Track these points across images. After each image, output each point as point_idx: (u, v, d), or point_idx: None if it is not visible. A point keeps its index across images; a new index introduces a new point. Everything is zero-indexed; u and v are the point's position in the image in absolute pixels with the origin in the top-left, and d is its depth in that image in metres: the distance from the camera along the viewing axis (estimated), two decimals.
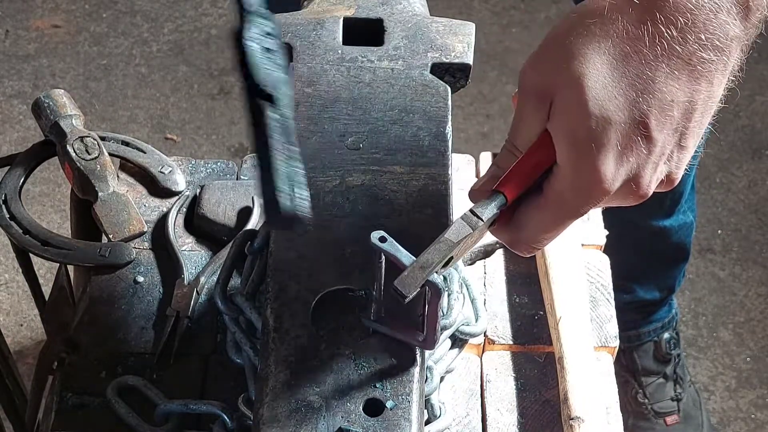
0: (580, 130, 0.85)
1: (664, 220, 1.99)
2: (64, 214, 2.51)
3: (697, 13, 0.83)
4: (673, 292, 2.17)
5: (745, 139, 2.78)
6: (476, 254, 1.30)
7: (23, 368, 2.10)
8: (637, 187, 0.87)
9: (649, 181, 0.88)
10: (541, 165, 0.89)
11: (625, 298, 2.10)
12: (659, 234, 2.01)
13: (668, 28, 0.83)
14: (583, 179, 0.86)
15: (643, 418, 2.23)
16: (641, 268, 2.10)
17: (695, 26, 0.83)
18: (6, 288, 2.46)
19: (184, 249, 1.31)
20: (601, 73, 0.84)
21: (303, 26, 1.18)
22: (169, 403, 1.13)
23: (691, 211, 2.05)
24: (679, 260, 2.11)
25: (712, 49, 0.84)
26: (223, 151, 2.73)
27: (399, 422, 0.92)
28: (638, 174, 0.87)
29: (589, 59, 0.84)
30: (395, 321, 0.95)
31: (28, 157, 1.39)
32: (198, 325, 1.23)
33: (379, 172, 1.06)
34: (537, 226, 0.91)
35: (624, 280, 2.07)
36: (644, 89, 0.84)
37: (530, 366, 1.21)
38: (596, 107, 0.84)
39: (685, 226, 2.04)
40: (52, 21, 2.99)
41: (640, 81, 0.84)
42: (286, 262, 1.00)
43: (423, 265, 0.87)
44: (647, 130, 0.85)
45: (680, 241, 2.05)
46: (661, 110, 0.84)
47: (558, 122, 0.87)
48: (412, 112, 1.11)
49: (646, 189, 0.88)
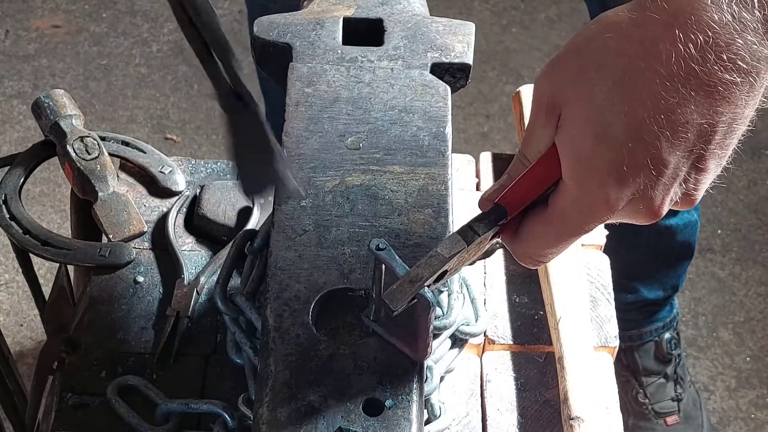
0: (584, 147, 0.83)
1: (669, 218, 1.99)
2: (64, 214, 2.51)
3: (720, 31, 0.79)
4: (676, 291, 2.17)
5: (745, 139, 2.77)
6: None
7: (23, 368, 2.10)
8: (646, 207, 0.85)
9: (660, 203, 0.85)
10: (548, 179, 0.87)
11: (629, 298, 2.10)
12: (665, 233, 2.01)
13: (687, 47, 0.79)
14: (586, 197, 0.85)
15: (644, 418, 2.23)
16: (646, 268, 2.10)
17: (717, 46, 0.79)
18: (6, 288, 2.46)
19: (184, 249, 1.31)
20: (612, 90, 0.81)
21: (303, 26, 1.18)
22: (170, 403, 1.13)
23: (696, 210, 2.05)
24: (683, 259, 2.11)
25: (735, 71, 0.80)
26: (222, 151, 2.72)
27: (399, 422, 0.92)
28: (647, 195, 0.84)
29: (600, 75, 0.82)
30: (390, 327, 0.95)
31: (28, 157, 1.39)
32: (198, 325, 1.23)
33: (378, 172, 1.06)
34: (540, 241, 0.90)
35: (628, 281, 2.07)
36: (656, 109, 0.80)
37: (530, 366, 1.21)
38: (601, 125, 0.82)
39: (690, 224, 2.04)
40: (52, 21, 2.99)
41: (652, 101, 0.80)
42: (286, 262, 1.00)
43: (413, 279, 0.86)
44: (657, 150, 0.82)
45: (685, 239, 2.05)
46: (674, 132, 0.81)
47: (563, 137, 0.85)
48: (412, 112, 1.11)
49: (657, 210, 0.85)
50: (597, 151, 0.82)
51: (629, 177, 0.83)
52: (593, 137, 0.82)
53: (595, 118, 0.82)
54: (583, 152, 0.83)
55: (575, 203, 0.86)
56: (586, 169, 0.84)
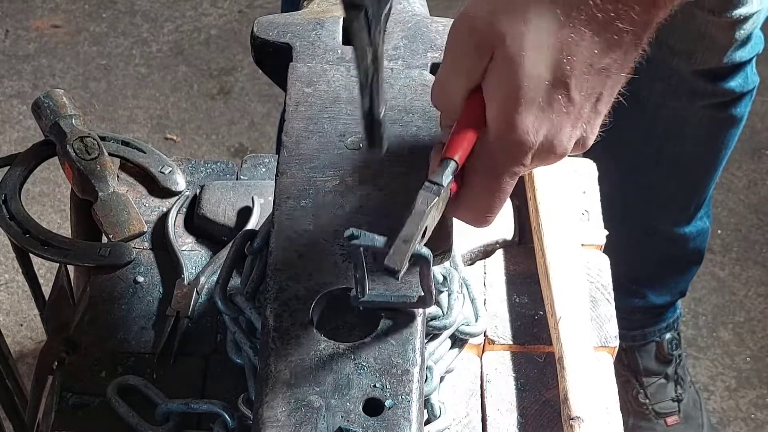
0: (514, 85, 0.88)
1: (685, 226, 2.00)
2: (64, 214, 2.51)
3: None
4: (683, 296, 2.18)
5: (745, 139, 2.78)
6: (476, 254, 1.30)
7: (23, 368, 2.10)
8: (555, 146, 0.91)
9: (568, 140, 0.91)
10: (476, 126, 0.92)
11: (637, 302, 2.11)
12: (678, 241, 2.02)
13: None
14: (509, 136, 0.90)
15: (644, 419, 2.24)
16: (656, 275, 2.10)
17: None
18: (6, 288, 2.46)
19: (184, 249, 1.31)
20: (543, 31, 0.87)
21: (303, 26, 1.18)
22: (170, 403, 1.13)
23: (708, 217, 2.06)
24: (693, 265, 2.12)
25: (627, 20, 0.88)
26: (223, 151, 2.73)
27: (399, 422, 0.92)
28: (557, 132, 0.90)
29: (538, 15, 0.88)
30: (389, 286, 0.97)
31: (28, 157, 1.39)
32: (198, 325, 1.23)
33: (378, 172, 1.06)
34: (476, 190, 0.94)
35: (637, 286, 2.08)
36: (570, 52, 0.88)
37: (530, 366, 1.21)
38: (532, 65, 0.88)
39: (703, 232, 2.05)
40: (52, 21, 2.99)
41: (567, 44, 0.87)
42: (286, 262, 1.00)
43: (405, 239, 0.90)
44: (567, 90, 0.89)
45: (696, 247, 2.06)
46: (581, 73, 0.89)
47: (495, 77, 0.90)
48: (412, 112, 1.10)
49: (564, 147, 0.92)
50: (523, 90, 0.88)
51: (545, 114, 0.89)
52: (523, 77, 0.88)
53: (528, 59, 0.88)
54: (511, 91, 0.88)
55: (499, 143, 0.91)
56: (511, 107, 0.89)
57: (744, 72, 1.77)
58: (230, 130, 2.77)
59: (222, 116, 2.80)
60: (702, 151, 1.89)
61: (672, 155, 1.90)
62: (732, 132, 1.86)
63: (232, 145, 2.74)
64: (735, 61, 1.73)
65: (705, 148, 1.88)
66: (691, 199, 1.97)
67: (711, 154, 1.89)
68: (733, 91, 1.78)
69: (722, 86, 1.77)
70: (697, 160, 1.91)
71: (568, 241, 1.26)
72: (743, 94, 1.80)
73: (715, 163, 1.91)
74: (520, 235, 1.32)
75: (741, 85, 1.78)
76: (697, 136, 1.86)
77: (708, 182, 1.95)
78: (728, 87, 1.77)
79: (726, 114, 1.83)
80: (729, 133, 1.86)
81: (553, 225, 1.27)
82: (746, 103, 1.83)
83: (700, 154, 1.89)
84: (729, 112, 1.82)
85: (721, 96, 1.79)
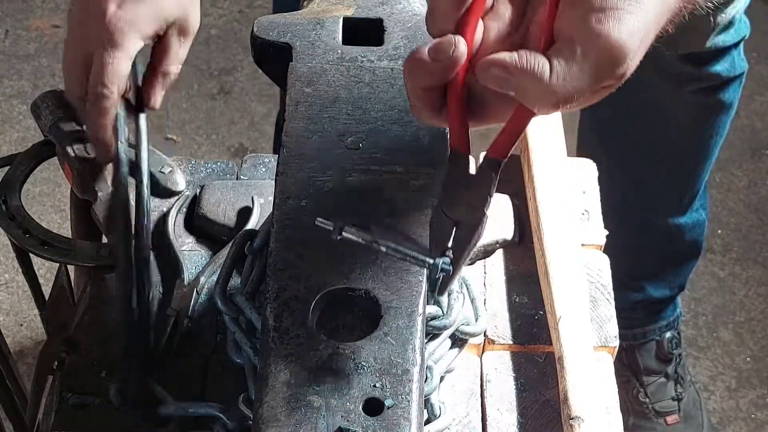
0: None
1: (680, 217, 2.00)
2: (64, 214, 2.51)
3: None
4: (682, 290, 2.18)
5: (745, 139, 2.78)
6: (476, 254, 1.30)
7: (23, 368, 2.10)
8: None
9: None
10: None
11: (636, 297, 2.11)
12: (675, 232, 2.02)
13: None
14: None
15: (644, 418, 2.24)
16: (654, 268, 2.11)
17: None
18: (6, 288, 2.46)
19: (184, 249, 1.31)
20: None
21: (303, 26, 1.18)
22: (167, 408, 1.13)
23: (704, 209, 2.06)
24: (691, 258, 2.12)
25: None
26: (223, 151, 2.73)
27: (398, 422, 0.92)
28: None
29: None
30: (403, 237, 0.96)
31: (28, 157, 1.39)
32: (198, 325, 1.23)
33: (379, 172, 1.06)
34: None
35: (636, 280, 2.08)
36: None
37: (530, 366, 1.21)
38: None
39: (699, 223, 2.05)
40: (52, 21, 2.99)
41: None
42: (286, 262, 1.00)
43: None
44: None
45: (693, 239, 2.06)
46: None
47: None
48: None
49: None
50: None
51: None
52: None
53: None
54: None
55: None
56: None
57: (730, 56, 1.77)
58: (230, 130, 2.77)
59: (222, 116, 2.80)
60: (692, 138, 1.89)
61: (663, 143, 1.90)
62: (722, 119, 1.86)
63: (232, 145, 2.74)
64: (719, 46, 1.73)
65: (695, 135, 1.89)
66: (684, 188, 1.98)
67: (702, 141, 1.89)
68: (719, 75, 1.78)
69: (708, 71, 1.77)
70: (688, 147, 1.91)
71: (568, 241, 1.26)
72: (731, 79, 1.80)
73: (706, 151, 1.91)
74: (520, 235, 1.32)
75: (728, 70, 1.78)
76: (687, 122, 1.87)
77: (701, 171, 1.96)
78: (714, 71, 1.77)
79: (714, 99, 1.83)
80: (719, 119, 1.86)
81: (553, 225, 1.27)
82: (735, 89, 1.83)
83: (690, 140, 1.89)
84: (717, 97, 1.82)
85: (708, 80, 1.79)
